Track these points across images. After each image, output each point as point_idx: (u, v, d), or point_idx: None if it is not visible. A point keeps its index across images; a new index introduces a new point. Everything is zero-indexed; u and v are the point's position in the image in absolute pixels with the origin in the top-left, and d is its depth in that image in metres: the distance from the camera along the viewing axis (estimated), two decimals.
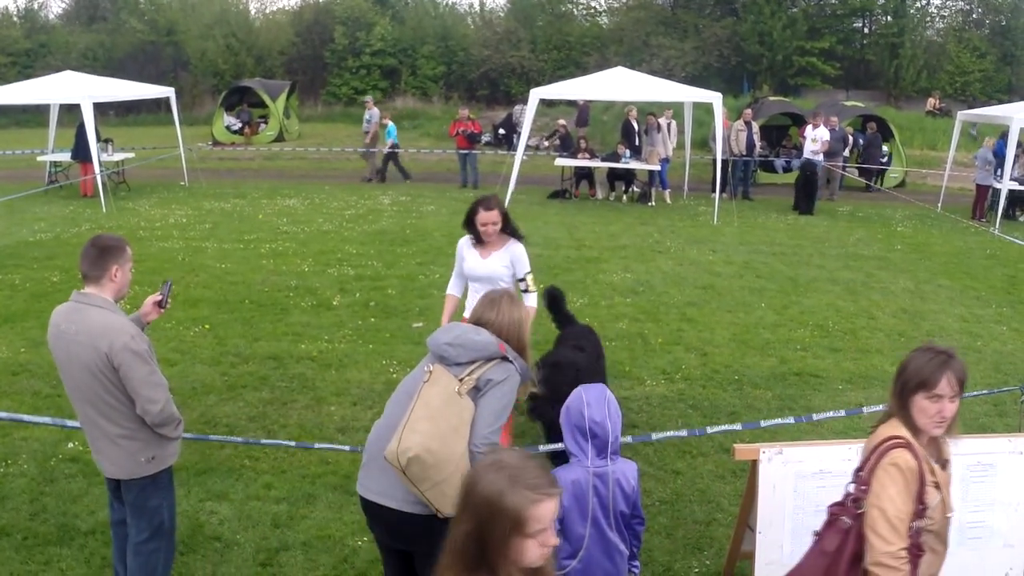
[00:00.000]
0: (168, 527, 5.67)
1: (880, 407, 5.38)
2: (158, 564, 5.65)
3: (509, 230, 7.58)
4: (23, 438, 8.67)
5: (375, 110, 28.46)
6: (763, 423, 8.35)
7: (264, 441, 8.34)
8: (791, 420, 9.41)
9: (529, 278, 7.58)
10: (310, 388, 10.05)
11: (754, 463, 5.86)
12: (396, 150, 27.92)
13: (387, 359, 10.97)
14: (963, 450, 5.99)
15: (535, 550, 3.01)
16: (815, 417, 8.45)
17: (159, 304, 5.72)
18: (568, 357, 7.71)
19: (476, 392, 4.63)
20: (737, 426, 9.11)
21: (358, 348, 11.43)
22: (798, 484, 5.83)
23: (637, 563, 5.07)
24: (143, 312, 5.68)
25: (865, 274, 16.18)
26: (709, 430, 8.82)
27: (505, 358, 4.75)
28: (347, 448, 7.86)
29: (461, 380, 4.61)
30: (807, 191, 23.48)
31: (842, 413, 8.85)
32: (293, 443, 8.23)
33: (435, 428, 4.43)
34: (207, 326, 12.22)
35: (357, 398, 9.71)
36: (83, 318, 5.17)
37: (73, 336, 5.14)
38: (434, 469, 4.37)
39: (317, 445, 8.03)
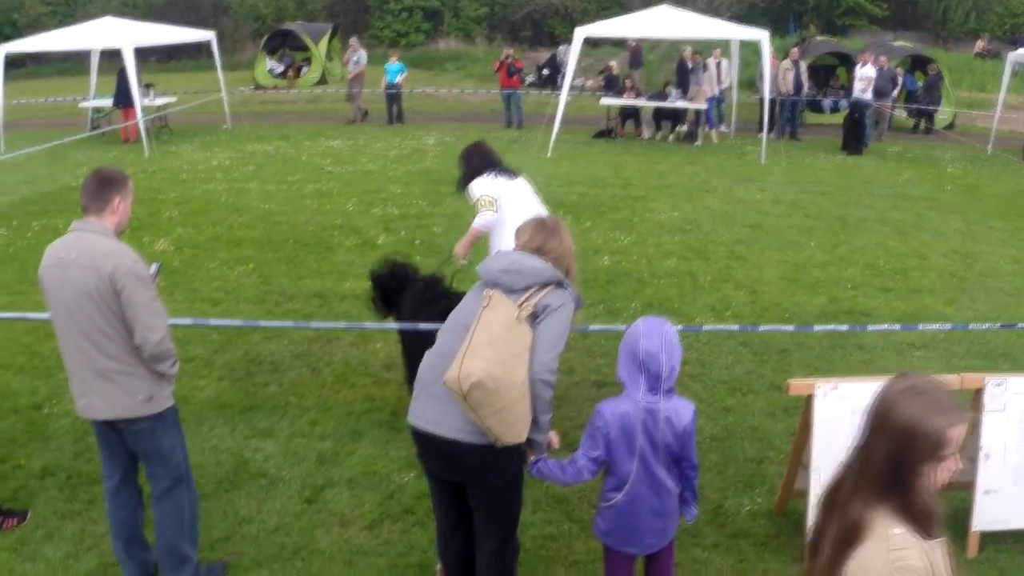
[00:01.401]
0: (186, 472, 5.47)
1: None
2: (184, 512, 5.46)
3: (467, 178, 7.96)
4: (66, 378, 8.62)
5: (362, 51, 28.10)
6: (816, 327, 8.27)
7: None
8: (844, 328, 9.35)
9: (481, 200, 7.74)
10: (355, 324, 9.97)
11: (809, 399, 5.73)
12: (395, 91, 27.70)
13: None
14: (1019, 389, 5.86)
15: (944, 474, 3.02)
16: (870, 328, 8.48)
17: None
18: None
19: (533, 319, 4.51)
20: (789, 327, 9.05)
21: None
22: (854, 420, 5.67)
23: (694, 509, 4.94)
24: None
25: (915, 215, 15.91)
26: (761, 328, 8.75)
27: (560, 284, 4.63)
28: (394, 326, 7.72)
29: (519, 306, 4.50)
30: (855, 131, 23.14)
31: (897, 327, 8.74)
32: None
33: (497, 354, 4.31)
34: (251, 265, 12.20)
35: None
36: (84, 244, 4.99)
37: (73, 261, 4.94)
38: (495, 395, 4.26)
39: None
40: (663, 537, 4.82)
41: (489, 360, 4.26)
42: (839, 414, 5.67)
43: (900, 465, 2.98)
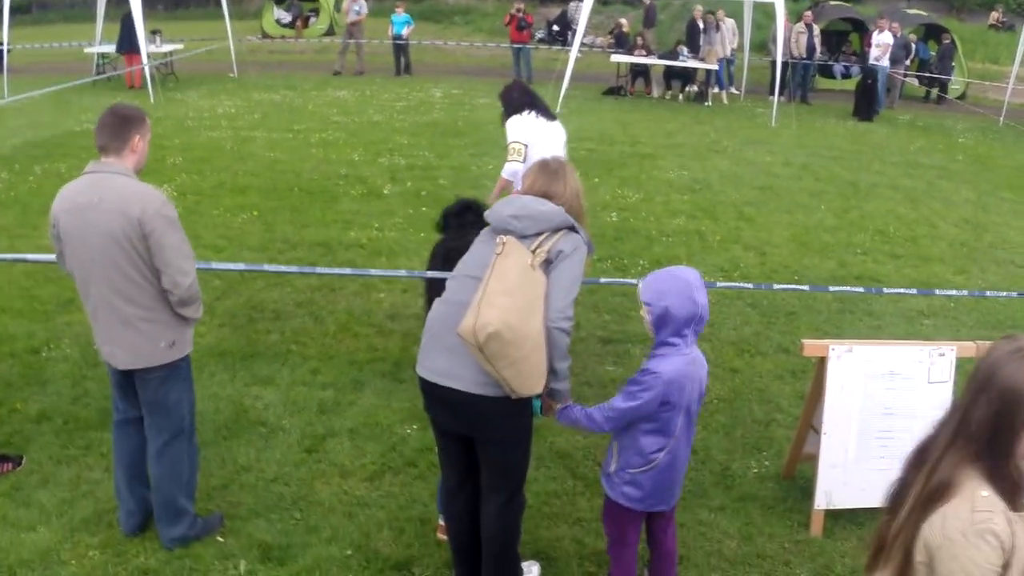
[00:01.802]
0: (189, 426, 5.33)
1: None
2: (183, 468, 5.32)
3: (507, 113, 8.15)
4: (66, 323, 8.56)
5: (362, 3, 27.87)
6: (831, 288, 8.27)
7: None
8: (860, 290, 9.31)
9: (511, 147, 7.96)
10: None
11: (822, 360, 5.62)
12: (401, 42, 27.51)
13: None
14: None
15: None
16: (886, 291, 8.67)
17: None
18: None
19: (547, 265, 4.36)
20: (804, 287, 9.30)
21: (409, 236, 11.25)
22: (867, 385, 5.58)
23: None
24: None
25: (926, 183, 15.78)
26: (775, 287, 8.64)
27: (572, 228, 4.49)
28: (403, 273, 7.64)
29: (533, 252, 4.34)
30: (868, 97, 22.97)
31: (913, 292, 8.67)
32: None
33: (513, 302, 4.15)
34: (255, 212, 12.07)
35: (407, 285, 9.53)
36: (106, 186, 4.79)
37: (96, 205, 4.73)
38: (513, 346, 4.10)
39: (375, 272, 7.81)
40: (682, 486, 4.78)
41: (505, 309, 4.11)
42: (852, 377, 5.56)
43: (999, 428, 2.84)
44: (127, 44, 23.16)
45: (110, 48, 24.89)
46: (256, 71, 26.63)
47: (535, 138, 7.92)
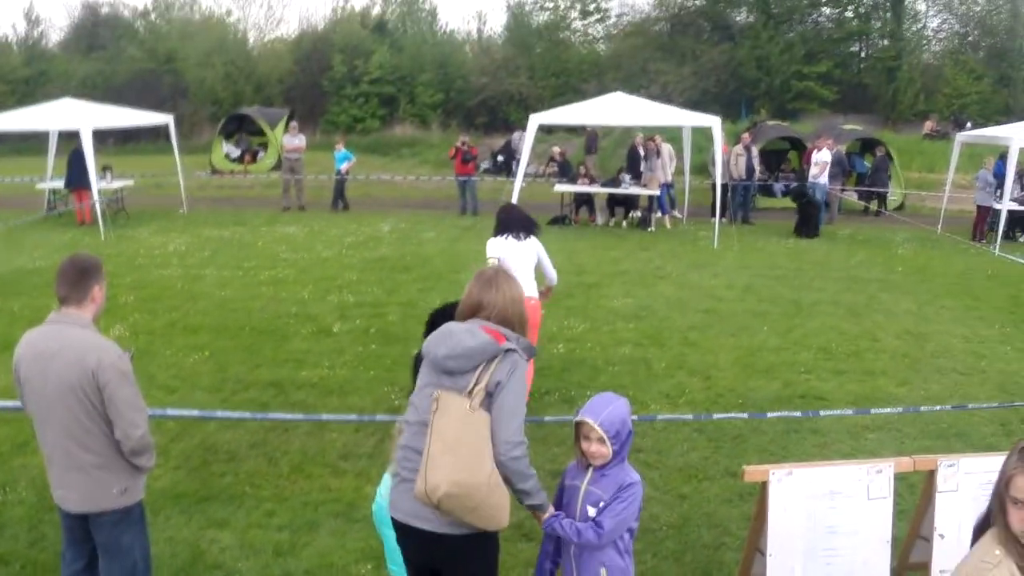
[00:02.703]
0: (142, 571, 5.37)
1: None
2: None
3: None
4: (22, 465, 8.57)
5: (301, 137, 28.22)
6: (770, 414, 8.67)
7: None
8: (798, 414, 9.45)
9: (488, 260, 9.63)
10: (312, 415, 9.93)
11: (764, 485, 5.77)
12: (342, 177, 27.73)
13: (388, 385, 10.86)
14: (971, 469, 5.93)
15: (1013, 518, 3.34)
16: (823, 413, 8.89)
17: None
18: None
19: (489, 397, 4.50)
20: (744, 415, 9.47)
21: (359, 374, 11.33)
22: (809, 505, 5.74)
23: None
24: None
25: (867, 296, 16.10)
26: (715, 416, 8.91)
27: (508, 349, 4.62)
28: (352, 418, 7.81)
29: (470, 393, 4.49)
30: (808, 215, 23.41)
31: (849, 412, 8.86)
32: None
33: (457, 459, 4.34)
34: (207, 352, 12.12)
35: (359, 425, 9.58)
36: (65, 337, 4.97)
37: (56, 354, 4.91)
38: (467, 498, 4.31)
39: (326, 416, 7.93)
40: None
41: (451, 468, 4.30)
42: (794, 499, 5.70)
43: (995, 495, 3.42)
44: (76, 180, 23.28)
45: (61, 183, 24.96)
46: (206, 207, 26.77)
47: (505, 255, 9.64)
